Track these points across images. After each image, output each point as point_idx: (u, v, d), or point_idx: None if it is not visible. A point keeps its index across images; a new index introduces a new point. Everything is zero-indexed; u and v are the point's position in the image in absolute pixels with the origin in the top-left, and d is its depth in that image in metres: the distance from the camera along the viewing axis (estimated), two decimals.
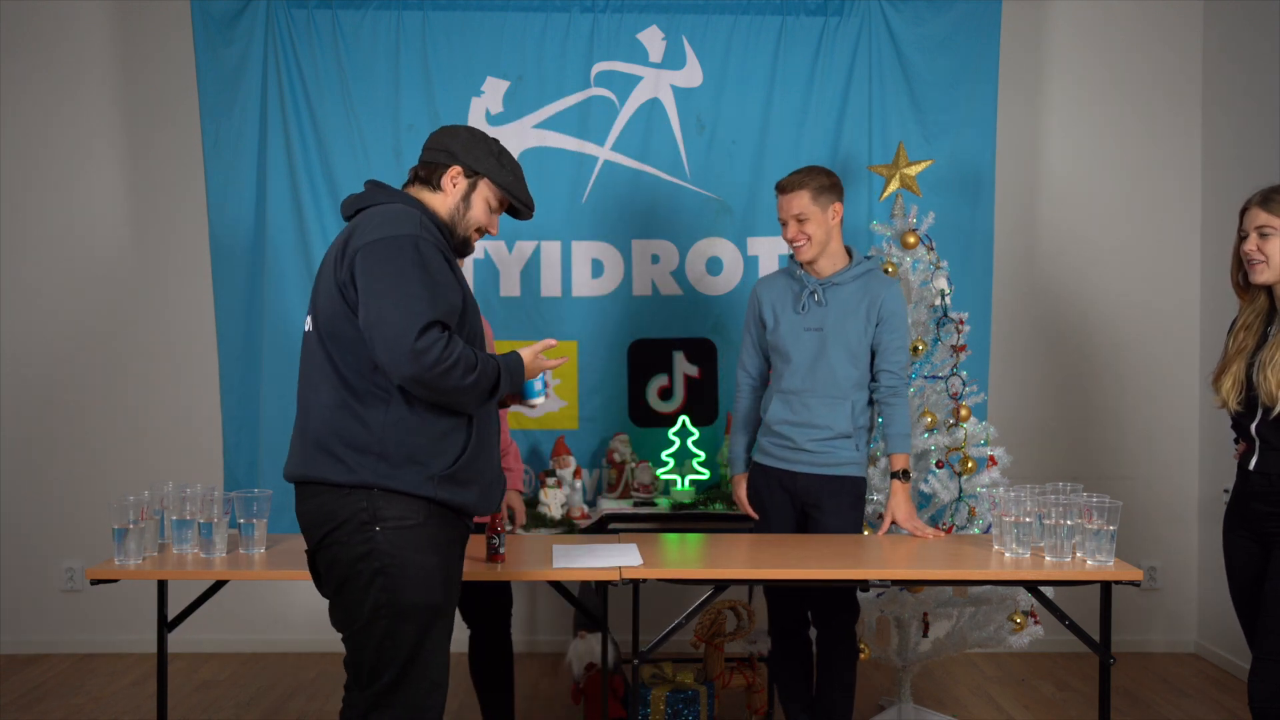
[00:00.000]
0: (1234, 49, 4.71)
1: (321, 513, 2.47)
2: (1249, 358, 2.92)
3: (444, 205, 2.62)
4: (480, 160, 2.63)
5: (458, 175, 2.62)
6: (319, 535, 2.49)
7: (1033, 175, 4.92)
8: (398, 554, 2.43)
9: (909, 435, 3.50)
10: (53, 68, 4.79)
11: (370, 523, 2.42)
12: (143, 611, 4.27)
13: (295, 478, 2.53)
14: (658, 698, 3.91)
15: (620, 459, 4.41)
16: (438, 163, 2.62)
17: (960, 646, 3.86)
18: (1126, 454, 4.94)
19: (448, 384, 2.37)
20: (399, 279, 2.37)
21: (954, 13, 4.51)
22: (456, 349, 2.37)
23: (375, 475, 2.42)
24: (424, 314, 2.35)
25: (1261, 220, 2.88)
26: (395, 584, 2.43)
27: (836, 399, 3.47)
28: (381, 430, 2.43)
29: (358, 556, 2.43)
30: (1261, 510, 2.91)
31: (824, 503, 3.49)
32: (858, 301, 3.48)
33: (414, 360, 2.33)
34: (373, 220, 2.47)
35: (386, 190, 2.60)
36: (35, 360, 4.83)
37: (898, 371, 3.49)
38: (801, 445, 3.49)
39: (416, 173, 2.66)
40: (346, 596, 2.48)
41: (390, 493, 2.43)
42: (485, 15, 4.53)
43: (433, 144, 2.65)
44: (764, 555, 3.24)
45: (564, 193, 4.59)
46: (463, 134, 2.65)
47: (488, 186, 2.64)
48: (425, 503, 2.46)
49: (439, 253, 2.44)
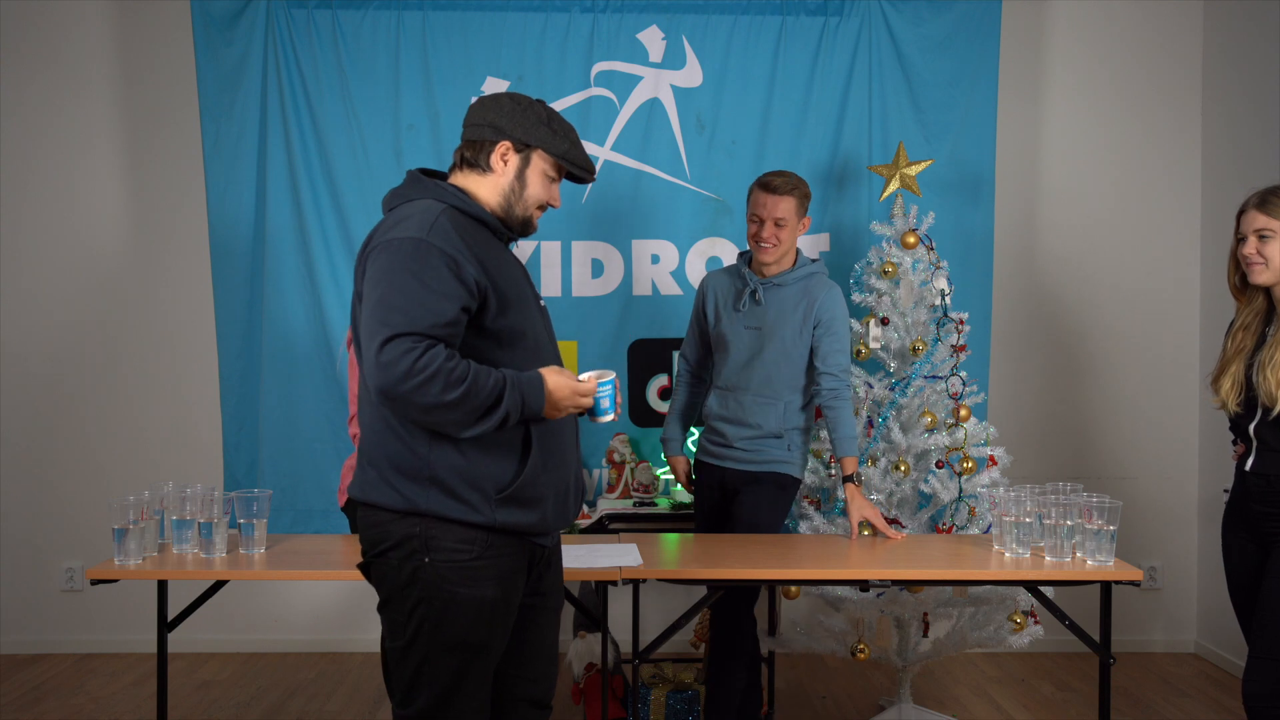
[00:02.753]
0: (1234, 49, 4.71)
1: (376, 531, 2.33)
2: (1248, 358, 2.92)
3: (496, 187, 2.40)
4: (530, 130, 2.39)
5: (508, 151, 2.39)
6: (373, 551, 2.35)
7: (1033, 175, 4.92)
8: (444, 588, 2.27)
9: (855, 438, 3.53)
10: (53, 68, 4.79)
11: (420, 551, 2.27)
12: (143, 611, 4.27)
13: (356, 496, 2.38)
14: (658, 698, 3.91)
15: (620, 459, 4.41)
16: (483, 140, 2.39)
17: (960, 646, 3.86)
18: (1126, 454, 4.94)
19: (423, 400, 2.14)
20: (383, 285, 2.19)
21: (954, 13, 4.51)
22: (435, 362, 2.13)
23: (428, 503, 2.26)
24: (394, 324, 2.14)
25: (1260, 223, 2.88)
26: (438, 617, 2.28)
27: (769, 398, 3.53)
28: (428, 454, 2.26)
29: (404, 583, 2.29)
30: (1259, 511, 2.91)
31: (742, 489, 3.56)
32: (796, 303, 3.53)
33: (380, 373, 2.14)
34: (390, 219, 2.31)
35: (420, 183, 2.38)
36: (35, 360, 4.83)
37: (839, 374, 3.52)
38: (732, 442, 3.57)
39: (462, 154, 2.42)
40: (390, 614, 2.34)
41: (446, 521, 2.27)
42: (485, 15, 4.53)
43: (474, 119, 2.41)
44: (764, 555, 3.24)
45: (564, 192, 4.56)
46: (506, 104, 2.40)
47: (542, 158, 2.41)
48: (483, 531, 2.28)
49: (445, 256, 2.20)
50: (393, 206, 2.38)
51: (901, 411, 3.92)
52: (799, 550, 3.34)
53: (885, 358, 3.99)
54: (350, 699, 4.34)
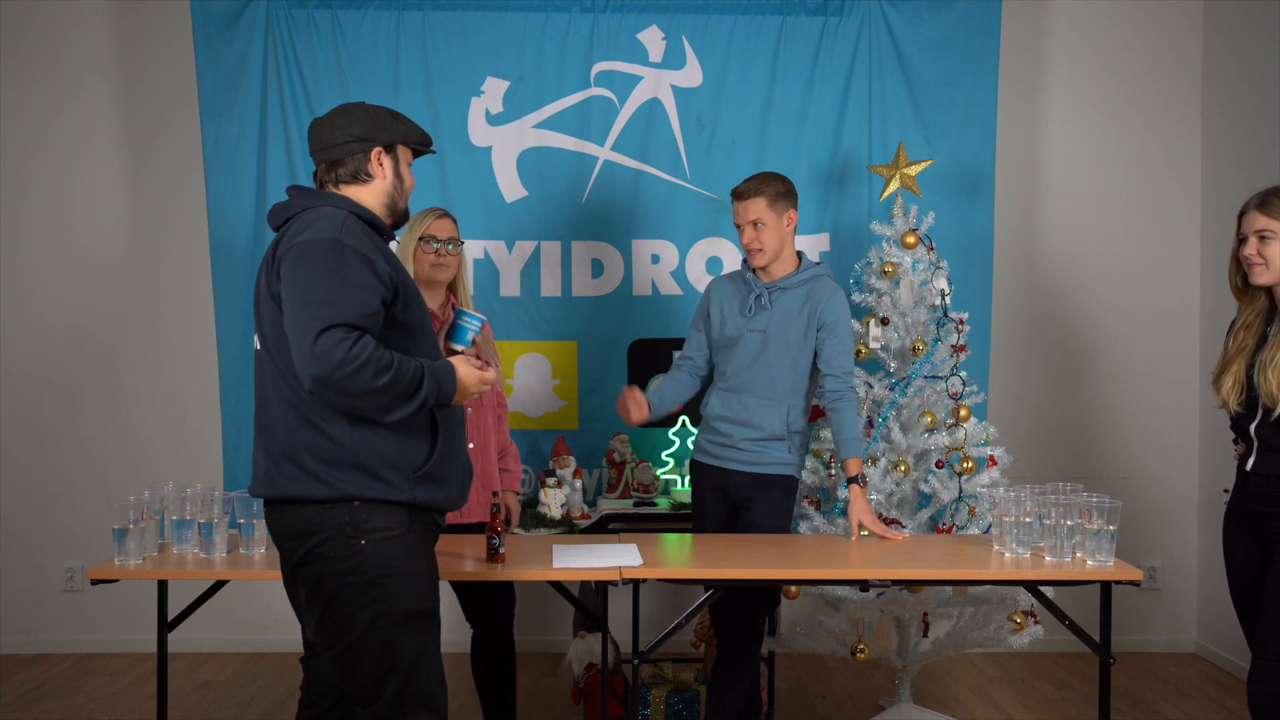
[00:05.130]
0: (1234, 49, 4.71)
1: (300, 527, 2.42)
2: (1249, 358, 2.92)
3: (380, 191, 2.56)
4: (388, 129, 2.56)
5: (380, 155, 2.55)
6: (301, 550, 2.42)
7: (1033, 175, 4.92)
8: (389, 564, 2.40)
9: (860, 440, 3.53)
10: (53, 68, 4.79)
11: (355, 536, 2.39)
12: (143, 611, 4.26)
13: (269, 495, 2.46)
14: (658, 698, 3.91)
15: (620, 459, 4.41)
16: (353, 154, 2.54)
17: (960, 646, 3.86)
18: (1126, 454, 4.94)
19: (356, 386, 2.28)
20: (307, 282, 2.31)
21: (954, 13, 4.51)
22: (365, 351, 2.28)
23: (355, 487, 2.39)
24: (327, 317, 2.27)
25: (1261, 224, 2.88)
26: (390, 594, 2.40)
27: (773, 401, 3.53)
28: (350, 441, 2.39)
29: (346, 570, 2.39)
30: (1260, 511, 2.91)
31: (755, 496, 3.55)
32: (800, 306, 3.54)
33: (315, 362, 2.26)
34: (296, 226, 2.42)
35: (311, 194, 2.53)
36: (35, 360, 4.83)
37: (842, 376, 3.52)
38: (735, 444, 3.56)
39: (334, 173, 2.55)
40: (338, 610, 2.41)
41: (372, 503, 2.40)
42: (485, 15, 4.53)
43: (331, 139, 2.54)
44: (764, 555, 3.24)
45: (564, 193, 4.59)
46: (358, 114, 2.56)
47: (403, 150, 2.60)
48: (406, 509, 2.44)
49: (359, 254, 2.35)
50: (288, 217, 2.50)
51: (901, 411, 3.92)
52: (799, 550, 3.34)
53: (885, 358, 3.99)
54: None
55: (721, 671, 3.55)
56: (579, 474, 4.34)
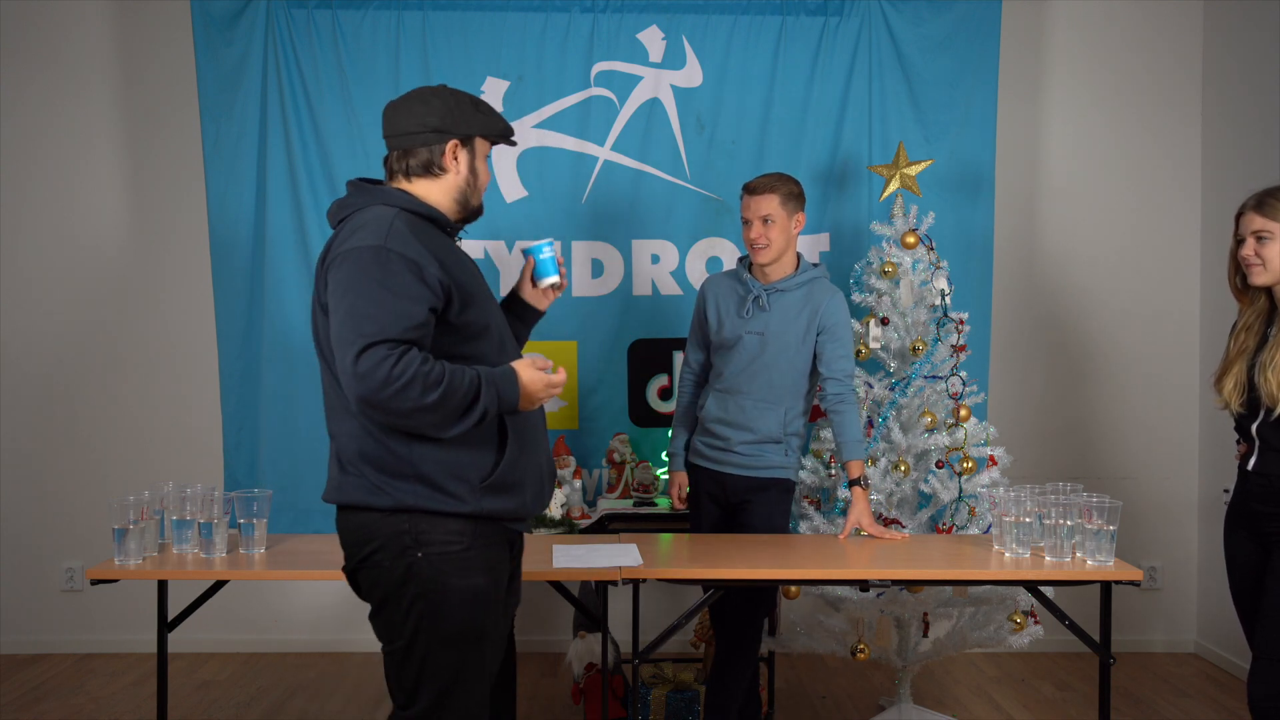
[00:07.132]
0: (1234, 49, 4.71)
1: (361, 533, 2.36)
2: (1250, 359, 2.92)
3: (452, 187, 2.43)
4: (468, 121, 2.41)
5: (456, 148, 2.41)
6: (359, 554, 2.38)
7: (1033, 175, 4.92)
8: (439, 579, 2.31)
9: (862, 442, 3.52)
10: (53, 68, 4.79)
11: (412, 547, 2.31)
12: (143, 611, 4.27)
13: (335, 501, 2.41)
14: (658, 698, 3.91)
15: (620, 459, 4.41)
16: (428, 144, 2.39)
17: (960, 646, 3.86)
18: (1126, 454, 4.94)
19: (403, 405, 2.17)
20: (349, 294, 2.21)
21: (954, 13, 4.51)
22: (411, 367, 2.16)
23: (416, 498, 2.30)
24: (370, 333, 2.17)
25: (1258, 225, 2.88)
26: (435, 610, 2.32)
27: (770, 403, 3.53)
28: (409, 453, 2.29)
29: (398, 581, 2.33)
30: (1261, 511, 2.91)
31: (751, 498, 3.55)
32: (800, 309, 3.53)
33: (359, 383, 2.16)
34: (346, 230, 2.32)
35: (366, 191, 2.40)
36: (35, 360, 4.83)
37: (843, 379, 3.52)
38: (732, 446, 3.56)
39: (405, 163, 2.41)
40: (388, 614, 2.37)
41: (433, 514, 2.31)
42: (485, 15, 4.53)
43: (406, 127, 2.39)
44: (764, 555, 3.24)
45: (564, 193, 4.59)
46: (435, 103, 2.40)
47: (481, 143, 2.45)
48: (470, 521, 2.33)
49: (405, 259, 2.22)
50: (342, 217, 2.39)
51: (901, 411, 3.92)
52: (799, 550, 3.34)
53: (885, 358, 3.99)
54: (350, 699, 4.34)
55: (720, 671, 3.55)
56: (579, 474, 4.34)
